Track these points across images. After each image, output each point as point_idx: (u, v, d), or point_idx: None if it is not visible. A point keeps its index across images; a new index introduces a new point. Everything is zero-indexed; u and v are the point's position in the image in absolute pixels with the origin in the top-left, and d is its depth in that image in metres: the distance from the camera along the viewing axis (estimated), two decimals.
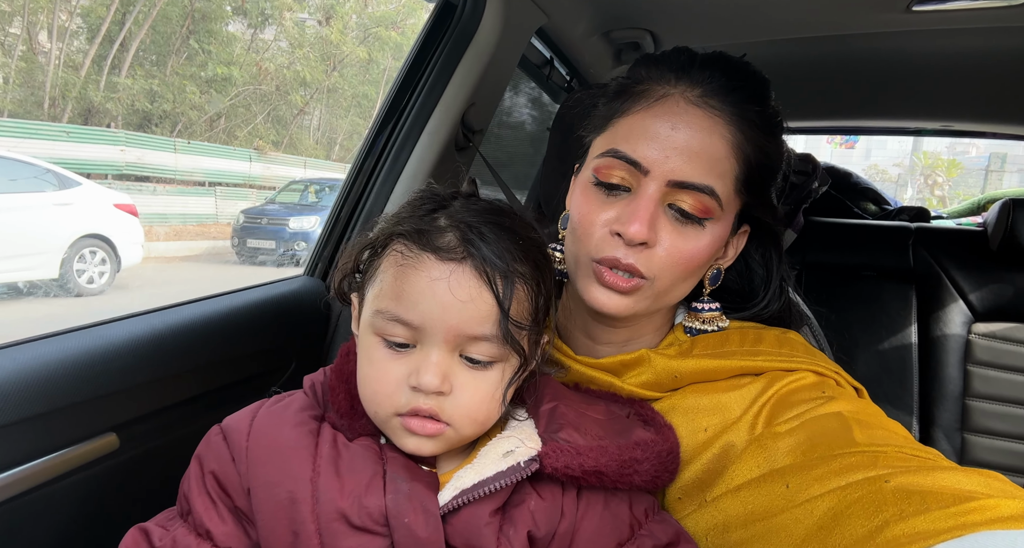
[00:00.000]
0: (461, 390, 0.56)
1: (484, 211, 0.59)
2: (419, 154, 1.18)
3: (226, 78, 13.35)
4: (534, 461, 0.57)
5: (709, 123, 0.67)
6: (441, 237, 0.56)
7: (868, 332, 1.81)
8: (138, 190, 10.54)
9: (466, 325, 0.54)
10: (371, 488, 0.55)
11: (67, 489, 0.75)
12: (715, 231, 0.69)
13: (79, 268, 6.39)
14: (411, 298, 0.55)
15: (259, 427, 0.59)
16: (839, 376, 0.70)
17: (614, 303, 0.69)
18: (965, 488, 0.48)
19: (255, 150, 13.34)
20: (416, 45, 1.21)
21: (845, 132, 2.68)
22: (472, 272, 0.55)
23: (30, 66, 11.97)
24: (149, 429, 0.88)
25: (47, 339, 0.80)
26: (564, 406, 0.63)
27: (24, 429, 0.71)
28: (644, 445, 0.61)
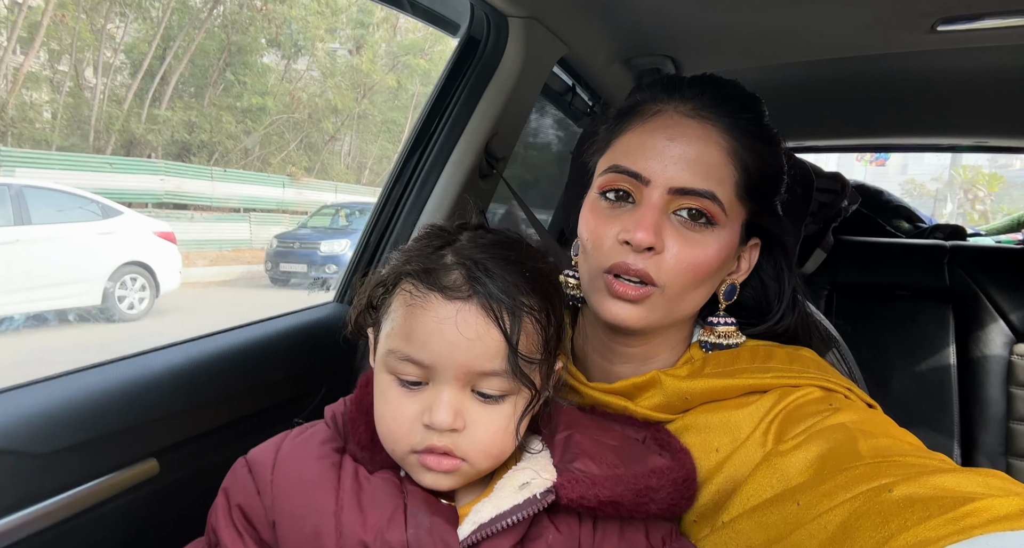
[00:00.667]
0: (474, 425, 0.57)
1: (491, 245, 0.60)
2: (444, 183, 1.22)
3: (261, 108, 13.78)
4: (550, 492, 0.57)
5: (703, 132, 0.70)
6: (447, 276, 0.57)
7: (904, 354, 1.77)
8: (177, 218, 10.86)
9: (475, 362, 0.55)
10: (393, 522, 0.56)
11: (112, 512, 0.79)
12: (721, 238, 0.71)
13: (120, 294, 6.59)
14: (420, 338, 0.56)
15: (283, 460, 0.61)
16: (849, 391, 0.70)
17: (627, 313, 0.71)
18: (966, 490, 0.49)
19: (288, 176, 13.69)
20: (441, 79, 1.25)
21: (876, 150, 2.65)
22: (478, 310, 0.55)
23: (77, 101, 12.53)
24: (187, 454, 0.91)
25: (93, 369, 0.84)
26: (579, 434, 0.63)
27: (73, 455, 0.75)
28: (660, 473, 0.61)
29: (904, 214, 2.30)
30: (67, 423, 0.74)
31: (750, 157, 0.72)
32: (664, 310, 0.72)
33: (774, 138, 0.77)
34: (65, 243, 6.28)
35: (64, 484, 0.73)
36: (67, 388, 0.78)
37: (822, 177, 2.05)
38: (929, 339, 1.76)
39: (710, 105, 0.72)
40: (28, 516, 0.68)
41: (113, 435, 0.79)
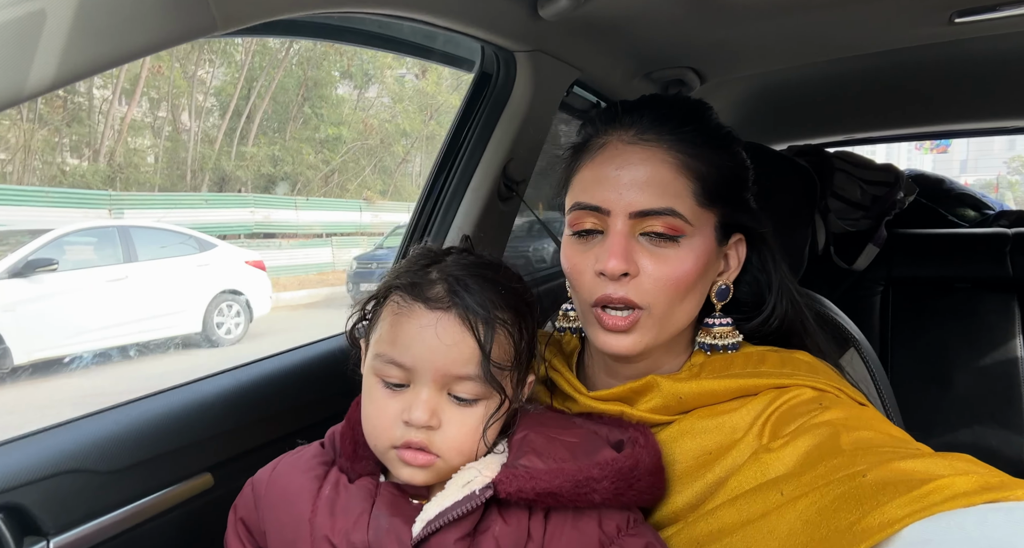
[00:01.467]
0: (448, 425, 0.64)
1: (472, 265, 0.68)
2: (465, 208, 1.30)
3: (337, 137, 14.50)
4: (488, 488, 0.62)
5: (648, 154, 0.73)
6: (431, 289, 0.65)
7: (966, 349, 1.68)
8: (266, 246, 11.56)
9: (451, 366, 0.63)
10: (357, 525, 0.63)
11: (171, 522, 0.90)
12: (694, 247, 0.74)
13: (218, 321, 7.10)
14: (404, 343, 0.63)
15: (276, 475, 0.70)
16: (840, 391, 0.72)
17: (621, 344, 0.75)
18: (931, 472, 0.53)
19: (364, 200, 14.31)
20: (459, 111, 1.34)
21: (918, 138, 2.52)
22: (456, 319, 0.63)
23: (174, 144, 13.63)
24: (238, 469, 1.02)
25: (153, 396, 0.97)
26: (534, 433, 0.68)
27: (136, 471, 0.87)
28: (604, 464, 0.64)
29: (969, 202, 2.18)
30: (131, 443, 0.86)
31: (701, 165, 0.75)
32: (656, 330, 0.75)
33: (724, 140, 0.79)
34: (168, 277, 6.85)
35: (128, 497, 0.85)
36: (130, 413, 0.90)
37: (872, 169, 1.99)
38: (992, 332, 1.66)
39: (650, 127, 0.75)
40: (97, 525, 0.80)
41: (171, 453, 0.91)
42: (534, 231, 5.61)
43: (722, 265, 0.80)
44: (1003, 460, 1.55)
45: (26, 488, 0.75)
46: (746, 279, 0.84)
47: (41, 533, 0.76)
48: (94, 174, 11.83)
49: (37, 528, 0.76)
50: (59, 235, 6.10)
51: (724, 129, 0.80)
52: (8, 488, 0.73)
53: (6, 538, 0.72)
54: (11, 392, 5.10)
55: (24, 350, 5.30)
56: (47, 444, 0.81)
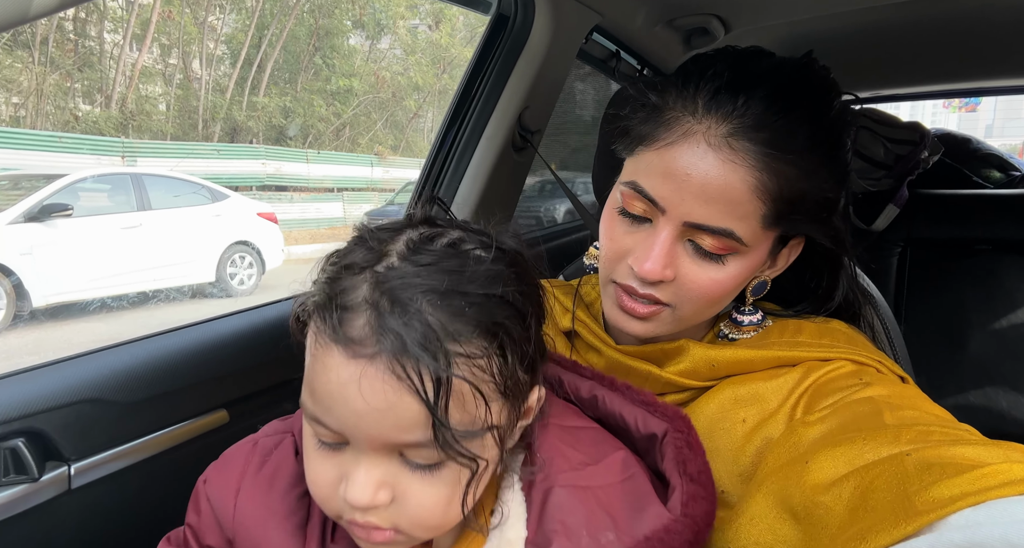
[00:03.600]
0: (406, 498, 0.46)
1: (429, 263, 0.45)
2: (479, 158, 1.28)
3: (348, 90, 14.33)
4: None
5: (728, 167, 0.63)
6: (352, 321, 0.43)
7: (983, 310, 1.67)
8: (278, 199, 11.58)
9: (389, 434, 0.44)
10: None
11: (188, 455, 0.93)
12: (743, 262, 0.67)
13: (231, 272, 7.18)
14: (324, 402, 0.45)
15: (243, 515, 0.54)
16: (881, 364, 0.68)
17: (633, 326, 0.70)
18: (984, 458, 0.48)
19: (375, 155, 14.22)
20: (474, 56, 1.30)
21: (960, 95, 2.43)
22: (385, 372, 0.42)
23: (186, 93, 13.51)
24: (253, 407, 1.04)
25: (168, 333, 0.98)
26: (560, 487, 0.52)
27: (154, 405, 0.89)
28: (660, 542, 0.49)
29: (995, 162, 2.12)
30: (147, 377, 0.88)
31: (786, 186, 0.63)
32: (674, 325, 0.71)
33: (832, 149, 0.67)
34: (180, 226, 6.89)
35: (146, 429, 0.87)
36: (147, 348, 0.92)
37: (897, 127, 1.93)
38: (1011, 295, 1.64)
39: (750, 128, 0.62)
40: (116, 453, 0.83)
41: (187, 388, 0.93)
42: (545, 191, 5.53)
43: (767, 263, 0.72)
44: (1011, 421, 1.56)
45: (46, 415, 0.77)
46: (794, 272, 0.76)
47: (62, 458, 0.78)
48: (107, 120, 11.80)
49: (58, 453, 0.78)
50: (73, 181, 6.13)
51: (835, 132, 0.67)
52: (29, 414, 0.75)
53: (29, 461, 0.74)
54: (31, 334, 5.23)
55: (42, 293, 5.40)
56: (66, 374, 0.82)
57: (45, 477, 0.77)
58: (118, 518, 0.85)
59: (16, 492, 0.74)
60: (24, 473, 0.75)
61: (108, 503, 0.83)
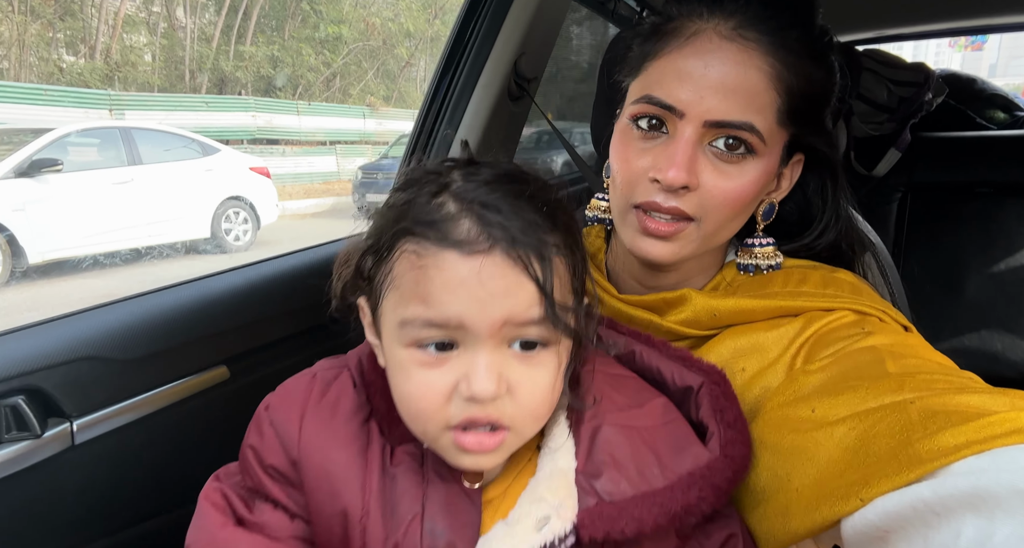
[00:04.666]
0: (519, 387, 0.50)
1: (493, 181, 0.51)
2: (474, 106, 1.24)
3: (337, 37, 13.90)
4: (570, 535, 0.51)
5: (743, 57, 0.65)
6: (457, 227, 0.48)
7: (982, 254, 1.66)
8: (270, 153, 11.41)
9: (511, 314, 0.48)
10: (409, 534, 0.53)
11: (189, 411, 0.93)
12: (760, 166, 0.68)
13: (226, 227, 7.13)
14: (441, 300, 0.48)
15: (309, 437, 0.57)
16: (885, 314, 0.68)
17: (658, 250, 0.69)
18: (989, 406, 0.48)
19: (368, 106, 13.92)
20: (466, 2, 1.25)
21: (966, 33, 2.36)
22: (505, 259, 0.48)
23: (171, 42, 13.11)
24: (253, 363, 1.05)
25: (164, 290, 0.97)
26: (608, 425, 0.56)
27: (152, 361, 0.89)
28: (702, 478, 0.53)
29: (1000, 103, 2.07)
30: (145, 334, 0.88)
31: (795, 79, 0.66)
32: (698, 243, 0.70)
33: (824, 50, 0.70)
34: (173, 181, 6.80)
35: (145, 386, 0.87)
36: (143, 305, 0.92)
37: (902, 69, 1.89)
38: (1011, 238, 1.64)
39: (753, 21, 0.65)
40: (119, 410, 0.84)
41: (185, 345, 0.93)
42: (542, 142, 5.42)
43: (774, 185, 0.74)
44: (1005, 363, 1.58)
45: (45, 372, 0.77)
46: (795, 198, 0.78)
47: (64, 415, 0.79)
48: (92, 72, 11.49)
49: (59, 410, 0.79)
50: (61, 135, 6.02)
51: (827, 34, 0.70)
52: (27, 372, 0.75)
53: (30, 418, 0.75)
54: (28, 291, 5.23)
55: (37, 250, 5.38)
56: (62, 331, 0.82)
57: (47, 433, 0.77)
58: (123, 473, 0.86)
59: (19, 448, 0.75)
60: (26, 430, 0.75)
61: (112, 458, 0.84)
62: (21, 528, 0.77)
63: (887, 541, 0.46)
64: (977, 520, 0.40)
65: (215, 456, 1.00)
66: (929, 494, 0.43)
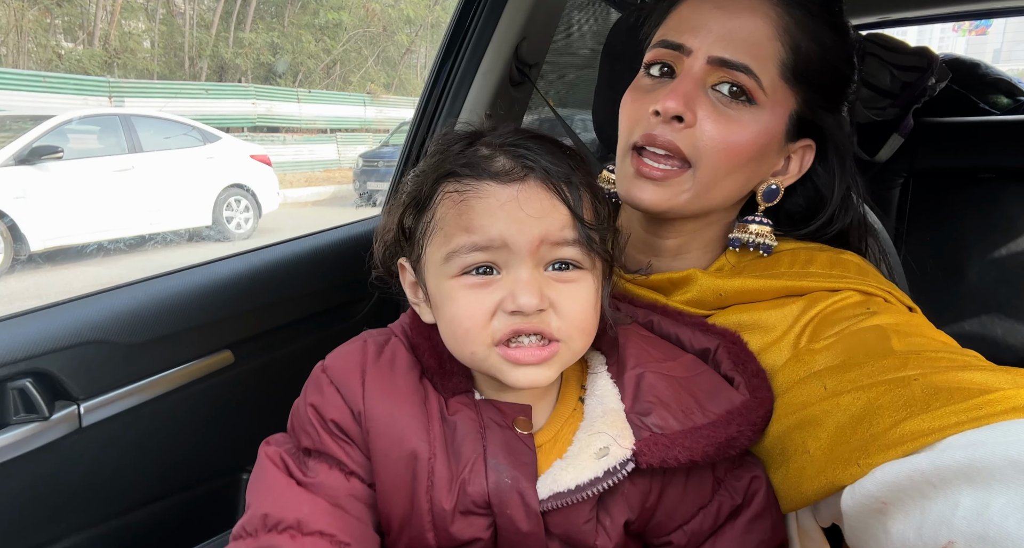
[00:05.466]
0: (561, 303, 0.54)
1: (517, 132, 0.58)
2: (475, 93, 1.24)
3: (337, 24, 13.78)
4: (630, 461, 0.55)
5: (755, 3, 0.67)
6: (493, 163, 0.55)
7: (983, 239, 1.66)
8: (270, 141, 11.35)
9: (548, 232, 0.53)
10: (474, 473, 0.56)
11: (194, 395, 0.95)
12: (761, 119, 0.68)
13: (228, 215, 7.12)
14: (484, 224, 0.53)
15: (372, 389, 0.59)
16: (890, 295, 0.68)
17: (649, 195, 0.70)
18: (991, 384, 0.49)
19: (368, 94, 13.83)
20: None
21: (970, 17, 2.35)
22: (539, 186, 0.54)
23: (170, 29, 13.02)
24: (257, 348, 1.06)
25: (170, 275, 0.98)
26: (650, 373, 0.60)
27: (158, 345, 0.90)
28: (740, 416, 0.58)
29: (1003, 88, 2.05)
30: (151, 319, 0.89)
31: (804, 38, 0.68)
32: (692, 193, 0.70)
33: (841, 24, 0.71)
34: (173, 168, 6.78)
35: (151, 369, 0.89)
36: (148, 290, 0.92)
37: (905, 54, 1.87)
38: (1012, 223, 1.63)
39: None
40: (125, 393, 0.85)
41: (191, 330, 0.94)
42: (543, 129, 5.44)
43: (780, 165, 0.74)
44: (1005, 348, 1.58)
45: (52, 355, 0.78)
46: (804, 189, 0.77)
47: (71, 398, 0.80)
48: (90, 59, 11.42)
49: (67, 393, 0.80)
50: (61, 122, 5.99)
51: (844, 15, 0.72)
52: (34, 355, 0.76)
53: (37, 400, 0.76)
54: (31, 278, 5.24)
55: (39, 238, 5.37)
56: (69, 316, 0.83)
57: (55, 416, 0.78)
58: (130, 455, 0.87)
59: (27, 430, 0.76)
60: (34, 412, 0.76)
61: (119, 441, 0.86)
62: (30, 509, 0.78)
63: (885, 513, 0.47)
64: (973, 491, 0.41)
65: (220, 439, 1.02)
66: (927, 465, 0.44)
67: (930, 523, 0.42)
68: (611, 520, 0.57)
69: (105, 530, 0.86)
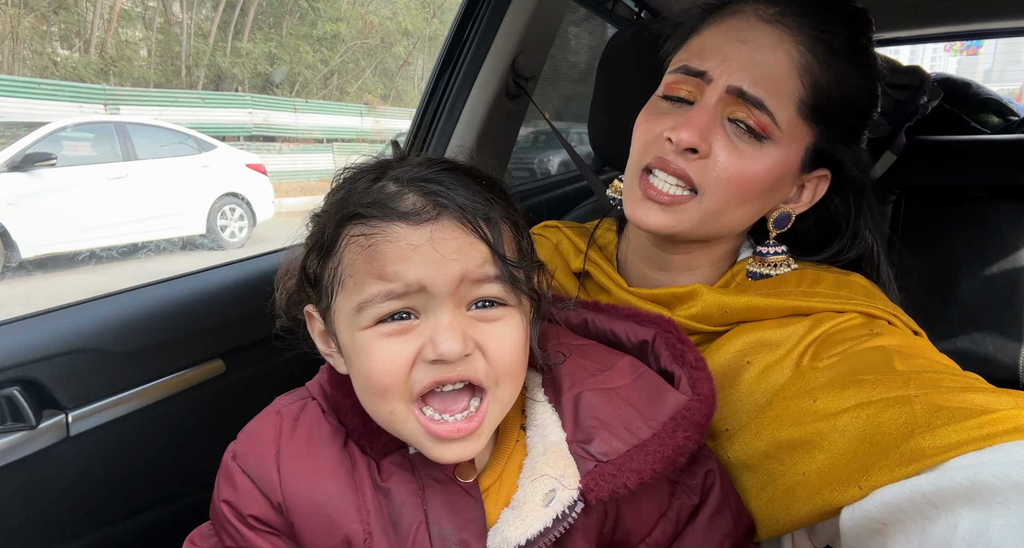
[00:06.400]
0: (487, 344, 0.51)
1: (427, 163, 0.53)
2: (472, 105, 1.25)
3: (335, 35, 13.85)
4: (579, 502, 0.52)
5: (776, 39, 0.67)
6: (401, 201, 0.50)
7: (975, 257, 1.67)
8: (267, 150, 11.35)
9: (467, 272, 0.50)
10: (417, 543, 0.52)
11: (185, 404, 0.94)
12: (775, 155, 0.68)
13: (222, 224, 7.10)
14: (398, 269, 0.49)
15: (291, 475, 0.54)
16: (896, 318, 0.68)
17: (655, 218, 0.70)
18: (992, 404, 0.49)
19: (365, 105, 13.88)
20: (465, 0, 1.25)
21: (963, 37, 2.38)
22: (454, 224, 0.50)
23: (167, 37, 13.04)
24: (249, 357, 1.05)
25: (162, 283, 0.97)
26: (588, 391, 0.57)
27: (148, 354, 0.89)
28: (684, 420, 0.55)
29: (994, 107, 2.08)
30: (142, 327, 0.88)
31: (824, 76, 0.67)
32: (697, 221, 0.70)
33: (868, 63, 0.70)
34: (168, 176, 6.77)
35: (142, 378, 0.88)
36: (140, 298, 0.92)
37: (898, 72, 1.90)
38: (1004, 241, 1.64)
39: (795, 12, 0.68)
40: (114, 402, 0.84)
41: (182, 338, 0.93)
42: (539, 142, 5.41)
43: (793, 193, 0.74)
44: (996, 365, 1.58)
45: (41, 364, 0.77)
46: (817, 216, 0.77)
47: (59, 406, 0.79)
48: (86, 66, 11.42)
49: (55, 402, 0.79)
50: (55, 129, 5.98)
51: (871, 53, 0.72)
52: (23, 362, 0.75)
53: (25, 409, 0.75)
54: (22, 285, 5.20)
55: (31, 245, 5.34)
56: (59, 323, 0.82)
57: (43, 424, 0.77)
58: (118, 465, 0.86)
59: (15, 439, 0.75)
60: (21, 421, 0.75)
61: (107, 450, 0.84)
62: (16, 518, 0.77)
63: (885, 534, 0.47)
64: (973, 512, 0.41)
65: (210, 449, 1.00)
66: (928, 487, 0.44)
67: (930, 544, 0.42)
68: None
69: (92, 540, 0.85)
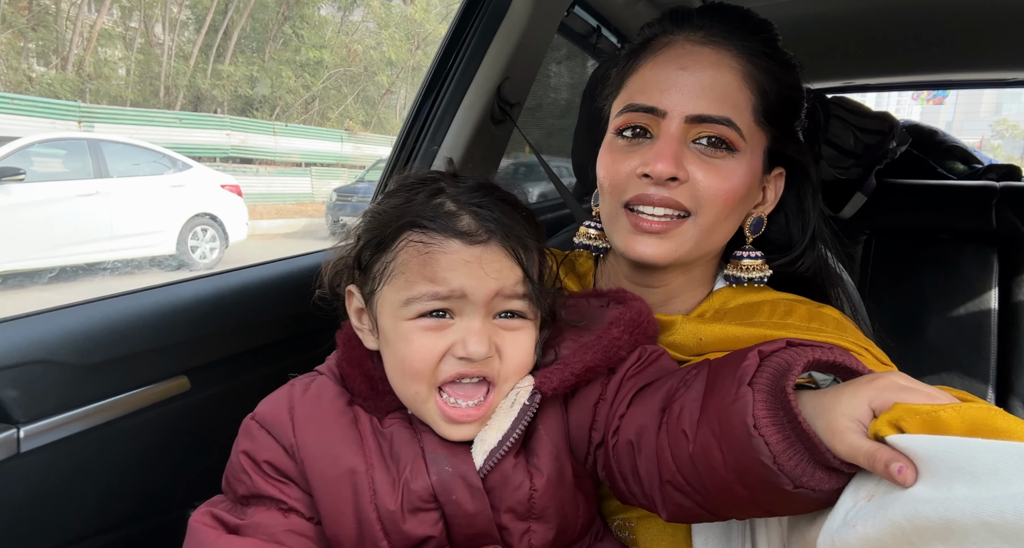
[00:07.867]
0: (505, 348, 0.62)
1: (479, 189, 0.64)
2: (457, 127, 1.25)
3: (318, 62, 13.96)
4: (536, 393, 0.62)
5: (716, 57, 0.70)
6: (458, 221, 0.60)
7: (942, 298, 1.71)
8: (243, 172, 11.27)
9: (503, 288, 0.60)
10: (415, 471, 0.60)
11: (146, 421, 0.89)
12: (744, 163, 0.71)
13: (192, 244, 6.98)
14: (447, 277, 0.59)
15: (302, 420, 0.63)
16: (867, 350, 0.69)
17: (652, 249, 0.71)
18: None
19: (346, 130, 13.93)
20: (453, 23, 1.27)
21: (929, 87, 2.49)
22: (500, 249, 0.61)
23: (147, 58, 13.00)
24: (216, 375, 1.01)
25: (126, 295, 0.94)
26: (552, 331, 0.68)
27: (109, 368, 0.85)
28: (616, 320, 0.65)
29: (959, 155, 2.17)
30: (103, 339, 0.84)
31: (767, 80, 0.71)
32: (695, 242, 0.72)
33: (790, 61, 0.76)
34: (140, 195, 6.66)
35: (101, 393, 0.83)
36: (103, 310, 0.88)
37: (868, 117, 1.96)
38: (970, 283, 1.69)
39: (721, 31, 0.71)
40: (71, 417, 0.79)
41: (145, 353, 0.89)
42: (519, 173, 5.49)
43: (760, 196, 0.78)
44: None
45: None
46: (778, 218, 0.82)
47: (11, 421, 0.75)
48: (62, 83, 11.29)
49: (7, 415, 0.74)
50: (26, 144, 5.87)
51: (788, 51, 0.77)
52: None
53: None
54: None
55: None
56: (15, 333, 0.78)
57: None
58: (72, 484, 0.81)
59: None
60: None
61: (61, 468, 0.80)
62: None
63: None
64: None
65: (171, 470, 0.96)
66: (905, 522, 0.44)
67: None
68: (538, 458, 0.62)
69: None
